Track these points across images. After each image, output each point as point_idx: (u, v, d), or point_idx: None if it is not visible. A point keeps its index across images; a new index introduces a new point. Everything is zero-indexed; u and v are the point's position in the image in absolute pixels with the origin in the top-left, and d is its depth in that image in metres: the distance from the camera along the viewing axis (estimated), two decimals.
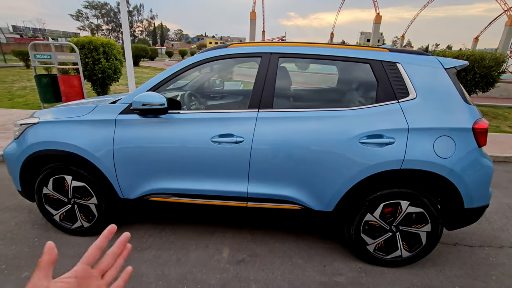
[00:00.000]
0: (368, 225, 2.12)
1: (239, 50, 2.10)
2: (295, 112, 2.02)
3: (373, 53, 2.02)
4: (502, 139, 5.66)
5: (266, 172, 2.05)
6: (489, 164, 2.00)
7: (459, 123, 1.91)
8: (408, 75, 1.97)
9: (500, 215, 3.05)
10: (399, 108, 1.94)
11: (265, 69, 2.05)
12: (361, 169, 1.94)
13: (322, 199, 2.07)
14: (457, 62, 2.02)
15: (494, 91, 10.81)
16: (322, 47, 2.06)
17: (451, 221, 2.12)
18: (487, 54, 7.52)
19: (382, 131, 1.92)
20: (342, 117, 1.96)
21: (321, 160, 1.97)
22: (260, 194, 2.10)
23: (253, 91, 2.05)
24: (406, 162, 1.90)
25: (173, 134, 2.08)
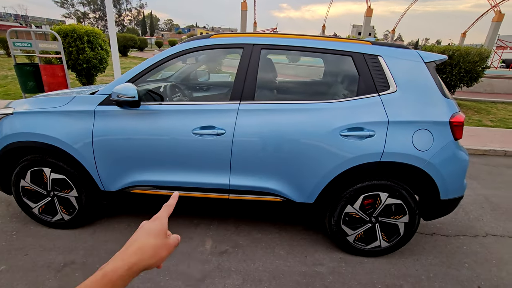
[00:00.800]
0: (348, 217, 2.16)
1: (221, 40, 2.07)
2: (276, 104, 2.02)
3: (355, 45, 2.03)
4: (483, 133, 5.83)
5: (248, 164, 2.06)
6: (465, 157, 2.05)
7: (437, 117, 1.95)
8: (389, 68, 1.99)
9: (476, 206, 3.16)
10: (380, 101, 1.96)
11: (247, 61, 2.03)
12: (342, 162, 1.97)
13: (303, 191, 2.09)
14: (436, 56, 2.05)
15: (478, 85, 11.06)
16: (305, 39, 2.05)
17: (428, 212, 2.18)
18: (472, 49, 7.66)
19: (362, 124, 1.94)
20: (323, 109, 1.97)
21: (302, 153, 1.99)
22: (242, 186, 2.11)
23: (235, 83, 2.03)
24: (385, 154, 1.93)
25: (153, 126, 2.05)
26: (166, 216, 0.52)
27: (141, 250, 0.45)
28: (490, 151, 4.87)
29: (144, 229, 0.49)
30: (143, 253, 0.45)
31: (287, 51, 2.08)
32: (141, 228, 0.49)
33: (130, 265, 0.43)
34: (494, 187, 3.65)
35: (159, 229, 0.49)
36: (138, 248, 0.45)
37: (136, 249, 0.45)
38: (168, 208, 0.54)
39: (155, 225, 0.49)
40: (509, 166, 4.44)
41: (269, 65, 2.45)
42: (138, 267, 0.44)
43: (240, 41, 2.06)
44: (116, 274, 0.41)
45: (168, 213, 0.53)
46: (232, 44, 2.07)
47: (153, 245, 0.46)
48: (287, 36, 2.07)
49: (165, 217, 0.52)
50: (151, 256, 0.45)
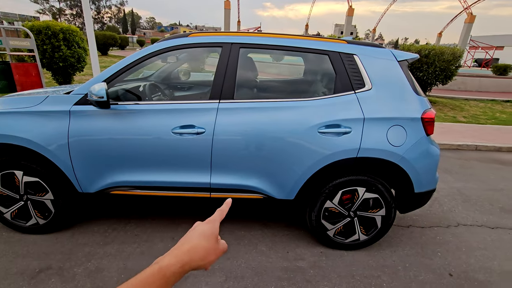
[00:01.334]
0: (328, 212, 2.22)
1: (199, 39, 2.06)
2: (256, 103, 2.04)
3: (332, 44, 2.08)
4: (457, 129, 6.12)
5: (228, 163, 2.07)
6: (436, 152, 2.16)
7: (410, 113, 2.04)
8: (364, 67, 2.05)
9: (450, 198, 3.32)
10: (356, 98, 2.02)
11: (225, 60, 2.03)
12: (320, 158, 2.01)
13: (283, 188, 2.13)
14: (409, 55, 2.14)
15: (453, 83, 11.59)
16: (283, 38, 2.08)
17: (403, 205, 2.27)
18: (446, 49, 8.01)
19: (339, 121, 1.99)
20: (302, 107, 2.01)
21: (281, 150, 2.02)
22: (223, 185, 2.11)
23: (214, 82, 2.04)
24: (361, 150, 2.00)
25: (132, 125, 2.02)
26: (219, 220, 0.53)
27: (194, 250, 0.46)
28: (463, 146, 5.13)
29: (197, 230, 0.50)
30: (195, 254, 0.46)
31: (266, 50, 2.10)
32: (194, 229, 0.51)
33: (182, 263, 0.44)
34: (465, 180, 3.85)
35: (211, 232, 0.50)
36: (191, 248, 0.46)
37: (189, 248, 0.46)
38: (221, 213, 0.55)
39: (208, 227, 0.50)
40: (479, 159, 4.69)
41: (249, 64, 2.47)
42: (189, 266, 0.45)
43: (218, 40, 2.06)
44: (170, 270, 0.42)
45: (221, 217, 0.54)
46: (211, 43, 2.06)
47: (204, 247, 0.47)
48: (266, 35, 2.09)
49: (218, 221, 0.53)
50: (201, 258, 0.47)
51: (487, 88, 12.79)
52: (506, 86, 12.93)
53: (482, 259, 2.32)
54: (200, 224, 0.52)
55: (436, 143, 2.29)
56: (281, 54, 2.14)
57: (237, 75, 2.04)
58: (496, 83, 12.95)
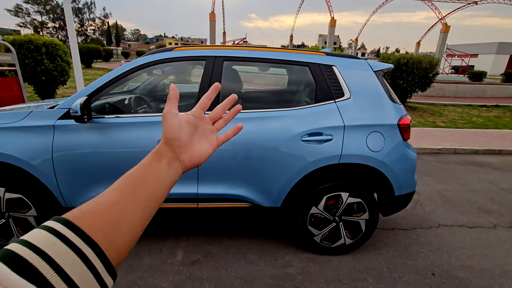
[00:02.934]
0: (314, 218, 2.27)
1: (183, 53, 2.12)
2: (242, 113, 2.09)
3: (312, 56, 2.18)
4: (437, 133, 6.38)
5: (215, 173, 2.10)
6: (414, 156, 2.27)
7: (387, 120, 2.15)
8: (343, 77, 2.16)
9: (431, 200, 3.45)
10: (336, 107, 2.12)
11: (209, 72, 2.09)
12: (304, 165, 2.08)
13: (270, 196, 2.17)
14: (383, 66, 2.27)
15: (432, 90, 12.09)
16: (265, 51, 2.17)
17: (386, 208, 2.36)
18: (424, 57, 8.40)
19: (321, 129, 2.08)
20: (285, 117, 2.09)
21: (267, 158, 2.07)
22: (210, 195, 2.14)
23: (199, 94, 2.09)
24: (343, 156, 2.08)
25: (117, 139, 2.03)
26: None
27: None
28: (442, 150, 5.34)
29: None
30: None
31: (249, 62, 2.18)
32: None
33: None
34: (445, 182, 4.01)
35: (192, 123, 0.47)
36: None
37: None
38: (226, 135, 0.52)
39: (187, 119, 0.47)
40: (458, 162, 4.89)
41: (234, 75, 2.54)
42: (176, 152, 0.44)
43: (202, 53, 2.13)
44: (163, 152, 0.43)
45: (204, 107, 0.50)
46: (195, 56, 2.13)
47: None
48: (248, 49, 2.18)
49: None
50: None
51: (464, 93, 13.41)
52: (482, 92, 13.60)
53: (462, 257, 2.42)
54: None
55: (413, 147, 2.41)
56: (264, 66, 2.23)
57: (221, 87, 2.10)
58: (472, 89, 13.60)
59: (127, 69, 2.06)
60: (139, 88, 3.26)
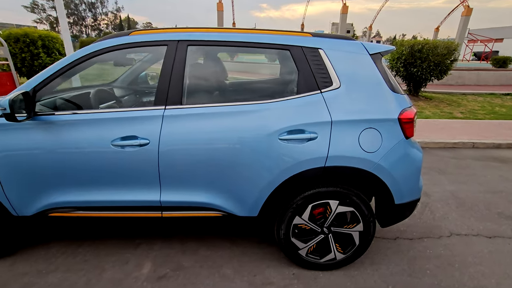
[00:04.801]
0: (298, 229, 1.95)
1: (142, 38, 1.81)
2: (208, 108, 1.77)
3: (293, 38, 1.82)
4: (453, 125, 5.83)
5: (179, 178, 1.81)
6: (418, 156, 1.89)
7: (385, 114, 1.77)
8: (331, 62, 1.79)
9: (443, 203, 3.04)
10: (322, 99, 1.76)
11: (171, 59, 1.78)
12: (283, 169, 1.75)
13: (244, 204, 1.86)
14: (382, 47, 1.87)
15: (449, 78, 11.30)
16: (237, 33, 1.82)
17: (384, 218, 2.00)
18: (440, 42, 7.73)
19: (303, 126, 1.73)
20: (259, 111, 1.75)
21: (238, 161, 1.76)
22: (175, 202, 1.86)
23: (159, 86, 1.78)
24: (330, 159, 1.73)
25: (67, 138, 1.76)
26: None
27: None
28: (459, 144, 4.84)
29: None
30: None
31: (218, 47, 1.85)
32: None
33: None
34: (461, 181, 3.57)
35: None
36: None
37: None
38: None
39: None
40: (476, 158, 4.39)
41: (208, 63, 2.21)
42: None
43: (163, 37, 1.80)
44: None
45: None
46: (155, 41, 1.81)
47: None
48: (218, 30, 1.84)
49: None
50: None
51: (486, 81, 12.47)
52: (506, 79, 12.60)
53: (477, 276, 2.04)
54: None
55: (418, 145, 2.02)
56: (237, 51, 1.89)
57: (185, 77, 1.79)
58: (495, 76, 12.62)
59: (75, 58, 1.77)
60: (118, 80, 3.00)
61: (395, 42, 8.80)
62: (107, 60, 1.92)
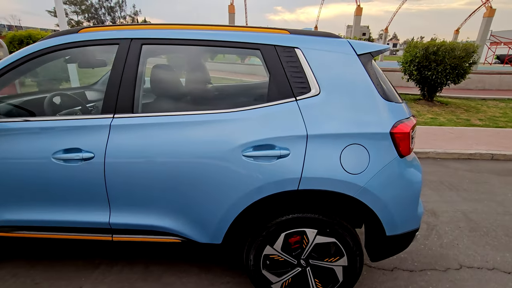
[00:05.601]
0: (269, 260, 1.65)
1: (91, 36, 1.58)
2: (162, 117, 1.52)
3: (265, 36, 1.53)
4: (470, 134, 5.34)
5: (130, 197, 1.56)
6: (416, 178, 1.55)
7: (374, 127, 1.45)
8: (309, 64, 1.49)
9: (453, 225, 2.65)
10: (297, 108, 1.46)
11: (122, 60, 1.53)
12: (248, 191, 1.47)
13: (205, 229, 1.59)
14: (374, 47, 1.56)
15: (469, 82, 10.64)
16: (201, 30, 1.56)
17: (374, 251, 1.67)
18: (457, 44, 7.21)
19: (272, 140, 1.44)
20: (221, 122, 1.48)
21: (196, 180, 1.49)
22: (126, 225, 1.61)
23: (107, 90, 1.54)
24: (304, 180, 1.43)
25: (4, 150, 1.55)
26: None
27: None
28: (475, 155, 4.38)
29: None
30: None
31: (178, 46, 1.59)
32: None
33: None
34: (475, 199, 3.15)
35: None
36: None
37: None
38: None
39: None
40: (495, 172, 3.93)
41: (170, 65, 1.95)
42: None
43: (114, 35, 1.56)
44: None
45: None
46: (106, 39, 1.57)
47: None
48: (175, 27, 1.58)
49: None
50: None
51: (510, 86, 11.66)
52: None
53: None
54: None
55: (418, 162, 1.68)
56: (201, 51, 1.62)
57: (138, 81, 1.54)
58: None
59: (14, 60, 1.56)
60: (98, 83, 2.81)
61: (408, 44, 8.31)
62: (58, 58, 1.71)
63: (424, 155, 4.36)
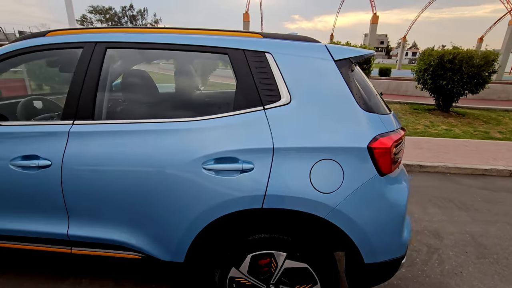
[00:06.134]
0: (235, 283, 1.51)
1: (57, 39, 1.53)
2: (123, 125, 1.43)
3: (234, 40, 1.42)
4: (487, 147, 4.96)
5: (87, 209, 1.47)
6: (400, 200, 1.37)
7: (349, 141, 1.30)
8: (280, 70, 1.37)
9: (458, 250, 2.39)
10: (264, 117, 1.33)
11: (85, 65, 1.47)
12: (209, 208, 1.34)
13: (167, 246, 1.47)
14: (354, 51, 1.41)
15: (490, 92, 10.10)
16: (166, 34, 1.47)
17: (353, 279, 1.49)
18: (476, 52, 6.83)
19: (235, 153, 1.31)
20: (181, 131, 1.37)
21: (154, 193, 1.38)
22: (85, 238, 1.52)
23: (68, 95, 1.47)
24: (269, 198, 1.29)
25: None
26: None
27: None
28: (491, 171, 4.03)
29: None
30: None
31: (143, 50, 1.51)
32: None
33: None
34: (488, 221, 2.85)
35: None
36: None
37: None
38: None
39: None
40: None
41: (134, 70, 1.87)
42: None
43: (79, 38, 1.50)
44: None
45: None
46: (70, 43, 1.52)
47: None
48: (145, 31, 1.50)
49: None
50: None
51: None
52: None
53: None
54: None
55: (405, 179, 1.50)
56: (164, 55, 1.54)
57: (101, 86, 1.47)
58: None
59: None
60: None
61: (423, 52, 7.98)
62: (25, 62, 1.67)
63: (432, 169, 4.06)
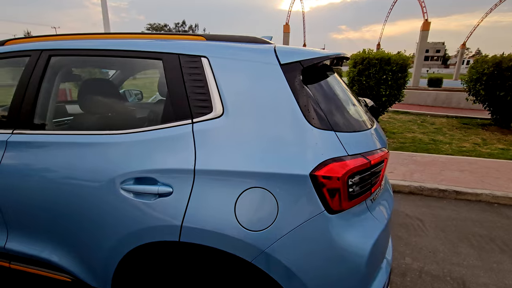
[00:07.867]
0: None
1: (10, 48, 1.53)
2: (53, 136, 1.34)
3: (169, 44, 1.25)
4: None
5: (21, 222, 1.41)
6: (359, 249, 1.02)
7: (287, 165, 1.01)
8: (215, 77, 1.15)
9: None
10: (191, 132, 1.12)
11: (29, 73, 1.43)
12: (126, 234, 1.16)
13: (93, 271, 1.32)
14: (307, 54, 1.13)
15: None
16: (103, 40, 1.36)
17: None
18: None
19: (155, 173, 1.12)
20: (101, 146, 1.22)
21: (74, 211, 1.25)
22: (20, 253, 1.45)
23: (11, 104, 1.44)
24: (186, 230, 1.06)
25: None
26: None
27: None
28: None
29: None
30: None
31: (84, 57, 1.42)
32: None
33: None
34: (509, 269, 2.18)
35: None
36: None
37: None
38: None
39: None
40: None
41: (73, 79, 1.79)
42: None
43: (27, 47, 1.48)
44: None
45: None
46: (19, 52, 1.50)
47: None
48: (85, 37, 1.42)
49: None
50: None
51: None
52: None
53: None
54: None
55: (380, 217, 1.14)
56: (107, 62, 1.42)
57: (41, 96, 1.41)
58: None
59: None
60: None
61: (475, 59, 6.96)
62: None
63: (474, 197, 3.35)
